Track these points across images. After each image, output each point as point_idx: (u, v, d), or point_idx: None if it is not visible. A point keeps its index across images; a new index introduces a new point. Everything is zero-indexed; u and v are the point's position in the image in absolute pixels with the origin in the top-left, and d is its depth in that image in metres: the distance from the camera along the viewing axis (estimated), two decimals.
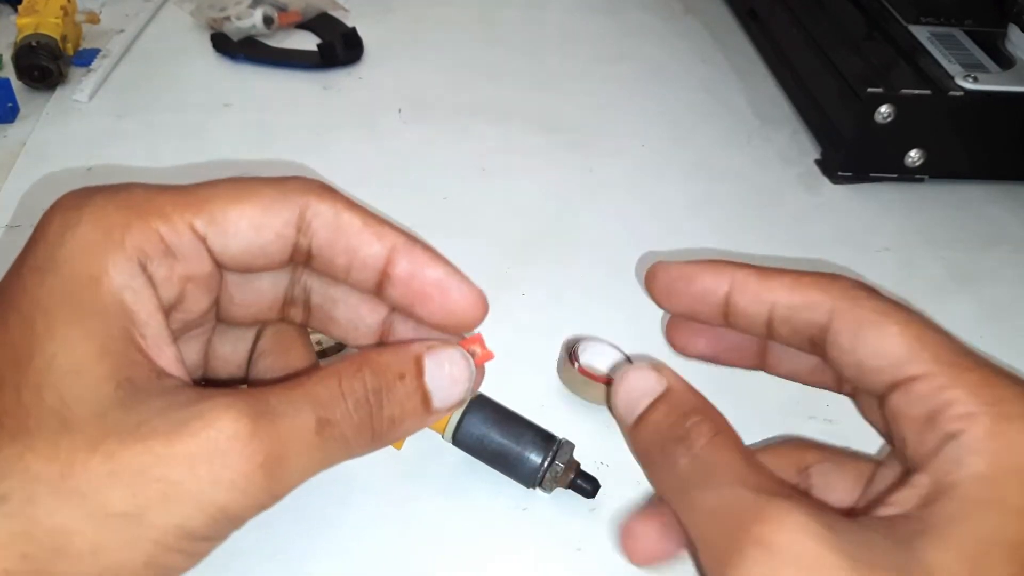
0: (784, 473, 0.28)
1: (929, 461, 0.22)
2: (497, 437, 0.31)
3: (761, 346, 0.28)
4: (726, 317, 0.27)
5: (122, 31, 0.59)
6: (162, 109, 0.53)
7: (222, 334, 0.28)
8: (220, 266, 0.24)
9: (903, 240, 0.47)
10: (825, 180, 0.51)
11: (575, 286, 0.42)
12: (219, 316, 0.27)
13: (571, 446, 0.32)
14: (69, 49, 0.55)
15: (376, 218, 0.25)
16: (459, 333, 0.27)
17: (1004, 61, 0.50)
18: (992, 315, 0.42)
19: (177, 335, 0.24)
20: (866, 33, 0.54)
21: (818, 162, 0.52)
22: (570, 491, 0.32)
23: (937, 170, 0.50)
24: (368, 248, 0.25)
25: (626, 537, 0.28)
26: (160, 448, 0.20)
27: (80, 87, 0.54)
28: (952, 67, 0.48)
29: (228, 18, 0.59)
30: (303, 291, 0.28)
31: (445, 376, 0.25)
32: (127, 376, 0.21)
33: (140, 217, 0.23)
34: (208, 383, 0.27)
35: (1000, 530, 0.21)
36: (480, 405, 0.31)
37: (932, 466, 0.22)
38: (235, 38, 0.59)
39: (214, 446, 0.21)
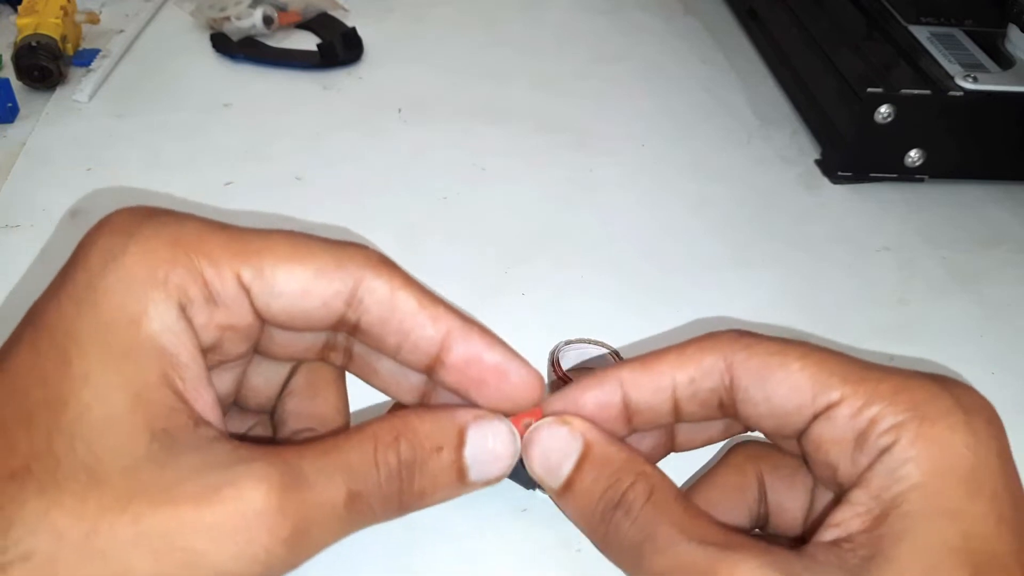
0: (747, 489, 0.28)
1: (863, 476, 0.22)
2: None
3: (667, 433, 0.27)
4: (630, 422, 0.25)
5: (122, 31, 0.59)
6: (162, 109, 0.53)
7: (257, 365, 0.27)
8: (261, 319, 0.23)
9: (903, 240, 0.47)
10: (825, 180, 0.51)
11: (575, 286, 0.42)
12: (257, 349, 0.26)
13: None
14: (69, 49, 0.55)
15: (431, 298, 0.24)
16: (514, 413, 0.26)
17: (1004, 61, 0.50)
18: (992, 315, 0.42)
19: (210, 367, 0.23)
20: (866, 33, 0.54)
21: (818, 162, 0.52)
22: None
23: (937, 170, 0.50)
24: (422, 332, 0.24)
25: None
26: (188, 514, 0.20)
27: (80, 87, 0.54)
28: (952, 67, 0.48)
29: (228, 18, 0.59)
30: (346, 339, 0.27)
31: (488, 451, 0.24)
32: (163, 427, 0.21)
33: (187, 256, 0.22)
34: (244, 437, 0.26)
35: (946, 539, 0.21)
36: None
37: (867, 481, 0.22)
38: (235, 38, 0.59)
39: (241, 519, 0.20)
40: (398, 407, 0.26)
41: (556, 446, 0.25)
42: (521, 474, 0.30)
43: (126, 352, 0.21)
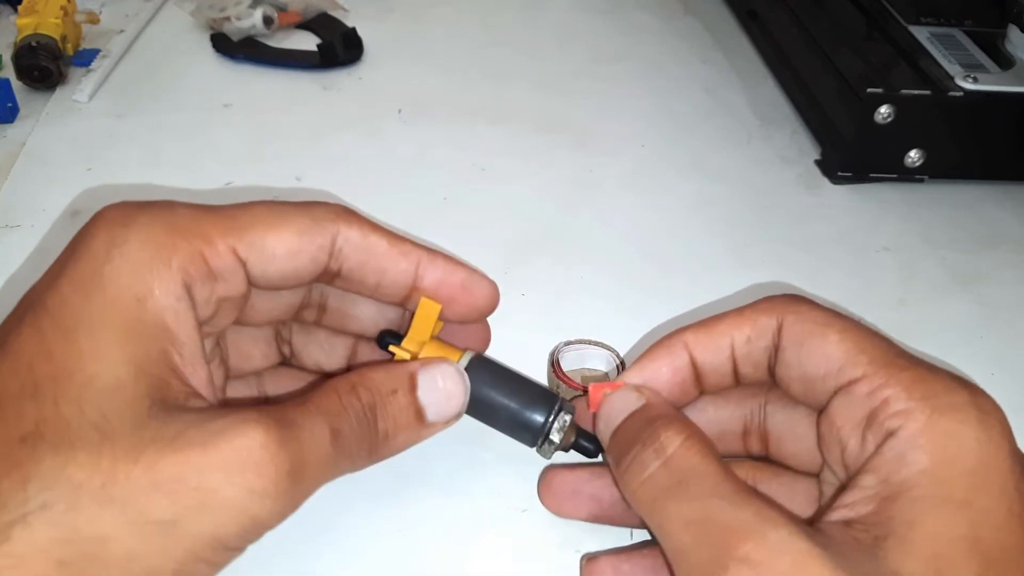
0: (743, 405, 0.29)
1: (871, 461, 0.22)
2: (498, 395, 0.29)
3: None
4: (699, 384, 0.27)
5: (122, 31, 0.59)
6: (162, 109, 0.54)
7: (236, 332, 0.29)
8: (253, 285, 0.26)
9: (903, 240, 0.47)
10: (825, 180, 0.51)
11: (575, 286, 0.42)
12: (238, 319, 0.28)
13: (572, 406, 0.31)
14: (69, 49, 0.55)
15: (399, 237, 0.27)
16: (480, 320, 0.30)
17: (1004, 61, 0.50)
18: (992, 315, 0.42)
19: (203, 339, 0.25)
20: (866, 33, 0.54)
21: (818, 162, 0.52)
22: None
23: (937, 170, 0.50)
24: (395, 266, 0.27)
25: (546, 486, 0.30)
26: (197, 457, 0.21)
27: (80, 87, 0.54)
28: (952, 67, 0.48)
29: (228, 18, 0.59)
30: (320, 295, 0.30)
31: (439, 391, 0.27)
32: (161, 396, 0.22)
33: (186, 240, 0.24)
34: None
35: (955, 527, 0.21)
36: (481, 361, 0.30)
37: (875, 465, 0.22)
38: (235, 38, 0.59)
39: (247, 454, 0.21)
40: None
41: (620, 405, 0.27)
42: (524, 428, 0.30)
43: (131, 328, 0.22)
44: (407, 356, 0.29)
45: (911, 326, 0.41)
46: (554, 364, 0.36)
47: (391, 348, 0.29)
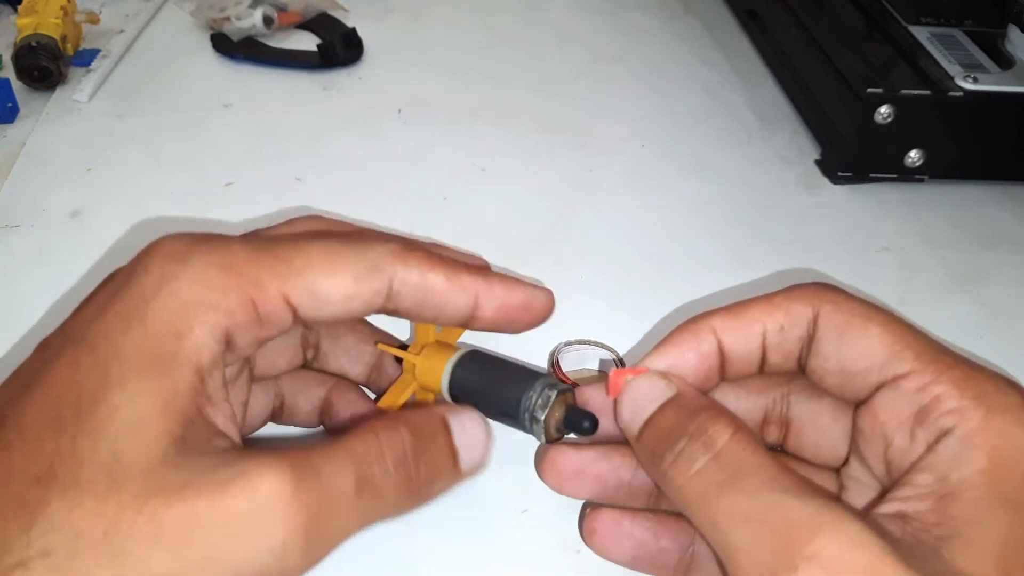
0: (766, 394, 0.28)
1: (924, 459, 0.22)
2: (487, 383, 0.29)
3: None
4: (723, 371, 0.26)
5: (122, 31, 0.59)
6: (162, 109, 0.54)
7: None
8: (300, 324, 0.25)
9: (903, 240, 0.47)
10: (825, 180, 0.51)
11: (575, 286, 0.42)
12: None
13: (565, 385, 0.30)
14: (69, 49, 0.55)
15: (455, 269, 0.26)
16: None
17: (1004, 61, 0.50)
18: (992, 315, 0.42)
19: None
20: (866, 33, 0.54)
21: (818, 162, 0.52)
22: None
23: (937, 170, 0.50)
24: (454, 302, 0.26)
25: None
26: (203, 508, 0.20)
27: (80, 87, 0.54)
28: (952, 67, 0.48)
29: (228, 18, 0.59)
30: (314, 335, 0.31)
31: (468, 436, 0.26)
32: (182, 434, 0.21)
33: (238, 282, 0.23)
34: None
35: (1018, 529, 0.20)
36: (475, 355, 0.30)
37: (930, 463, 0.22)
38: (235, 38, 0.59)
39: (256, 507, 0.20)
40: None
41: (648, 392, 0.25)
42: (513, 408, 0.29)
43: (163, 362, 0.22)
44: (410, 357, 0.30)
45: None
46: (554, 364, 0.36)
47: (395, 351, 0.29)
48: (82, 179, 0.47)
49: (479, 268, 0.26)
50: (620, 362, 0.37)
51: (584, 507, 0.29)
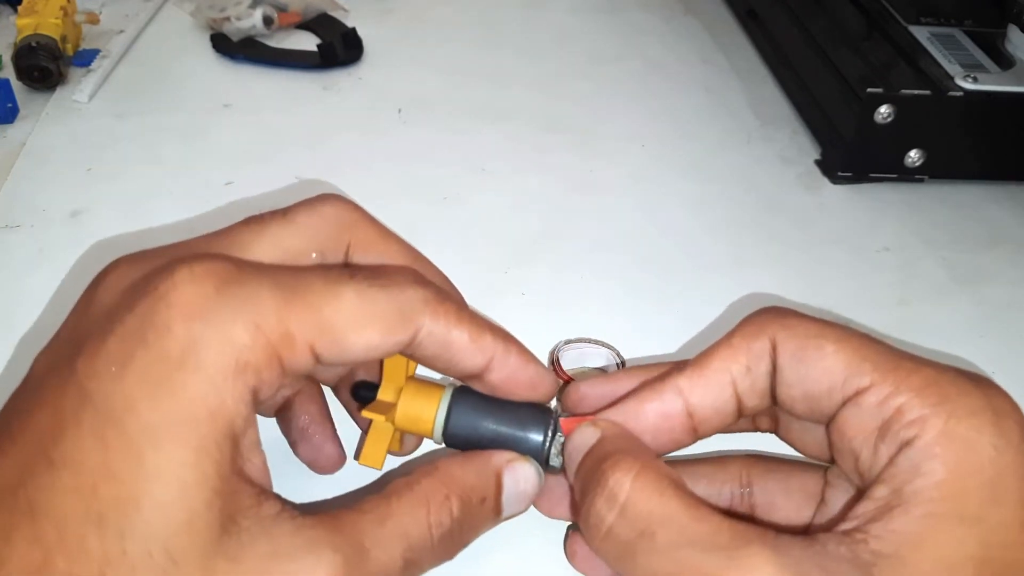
0: (727, 486, 0.28)
1: (885, 471, 0.22)
2: (491, 423, 0.28)
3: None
4: (695, 431, 0.25)
5: (122, 31, 0.59)
6: (162, 109, 0.53)
7: None
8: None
9: (903, 240, 0.47)
10: (825, 180, 0.51)
11: (574, 286, 0.42)
12: None
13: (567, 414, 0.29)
14: (69, 49, 0.55)
15: (479, 327, 0.25)
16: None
17: (1004, 61, 0.50)
18: (992, 315, 0.42)
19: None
20: (866, 33, 0.54)
21: (818, 162, 0.52)
22: None
23: (937, 170, 0.50)
24: (470, 360, 0.25)
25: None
26: None
27: (80, 87, 0.54)
28: (952, 67, 0.48)
29: (228, 18, 0.59)
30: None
31: (519, 492, 0.26)
32: (231, 514, 0.21)
33: (267, 341, 0.22)
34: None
35: (963, 547, 0.20)
36: (466, 394, 0.28)
37: (888, 475, 0.21)
38: (235, 38, 0.59)
39: None
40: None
41: (578, 440, 0.26)
42: (524, 453, 0.29)
43: (201, 442, 0.21)
44: (388, 404, 0.28)
45: (911, 326, 0.41)
46: (554, 363, 0.36)
47: (367, 413, 0.28)
48: (82, 179, 0.47)
49: (501, 331, 0.26)
50: (621, 360, 0.37)
51: (568, 528, 0.30)
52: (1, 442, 0.21)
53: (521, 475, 0.26)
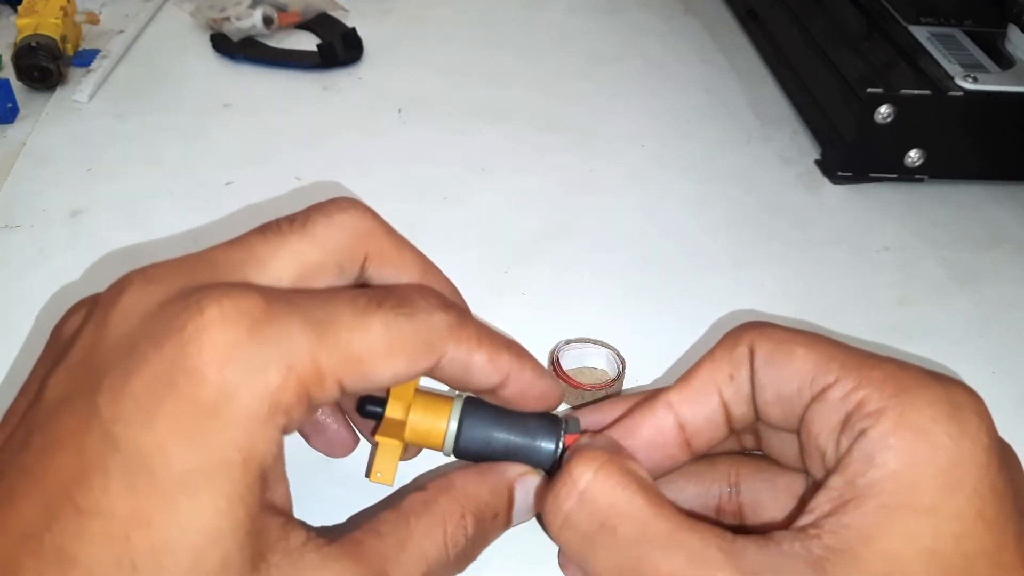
0: (715, 485, 0.28)
1: (841, 461, 0.22)
2: (502, 435, 0.28)
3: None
4: (689, 446, 0.26)
5: (122, 31, 0.59)
6: (162, 109, 0.54)
7: None
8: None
9: (903, 240, 0.47)
10: (825, 180, 0.51)
11: (574, 286, 0.42)
12: None
13: (576, 421, 0.30)
14: (69, 49, 0.55)
15: (497, 345, 0.25)
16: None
17: (1004, 61, 0.50)
18: (992, 315, 0.42)
19: None
20: (866, 33, 0.54)
21: (818, 162, 0.52)
22: None
23: (937, 170, 0.50)
24: (486, 379, 0.26)
25: None
26: None
27: (80, 87, 0.54)
28: (952, 67, 0.48)
29: (228, 18, 0.59)
30: None
31: (529, 505, 0.27)
32: (261, 552, 0.21)
33: (299, 381, 0.21)
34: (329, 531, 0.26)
35: (915, 539, 0.20)
36: (475, 406, 0.29)
37: (843, 465, 0.22)
38: (235, 38, 0.59)
39: None
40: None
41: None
42: (536, 463, 0.30)
43: (237, 492, 0.20)
44: (398, 422, 0.28)
45: (911, 326, 0.41)
46: (554, 363, 0.36)
47: (381, 439, 0.28)
48: (82, 179, 0.47)
49: (516, 347, 0.26)
50: (621, 360, 0.37)
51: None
52: (20, 481, 0.20)
53: (532, 486, 0.27)
